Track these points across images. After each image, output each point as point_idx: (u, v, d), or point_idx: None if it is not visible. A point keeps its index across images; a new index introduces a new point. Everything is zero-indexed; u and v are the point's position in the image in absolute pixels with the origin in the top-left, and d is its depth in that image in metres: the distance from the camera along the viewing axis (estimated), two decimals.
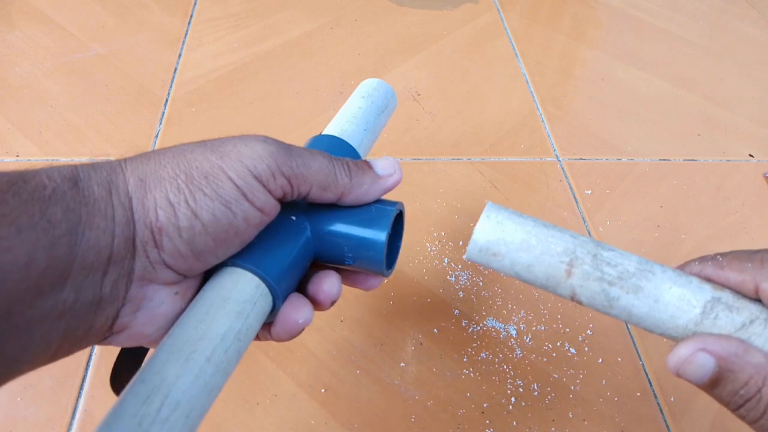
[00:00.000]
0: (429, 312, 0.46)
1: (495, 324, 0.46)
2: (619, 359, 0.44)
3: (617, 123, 0.66)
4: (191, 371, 0.19)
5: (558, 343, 0.45)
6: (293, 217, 0.25)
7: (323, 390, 0.41)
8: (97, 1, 0.77)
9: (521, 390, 0.42)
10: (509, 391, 0.42)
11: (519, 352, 0.44)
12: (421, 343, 0.44)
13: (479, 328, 0.45)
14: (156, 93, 0.65)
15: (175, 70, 0.68)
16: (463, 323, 0.46)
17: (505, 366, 0.43)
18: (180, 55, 0.70)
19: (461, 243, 0.51)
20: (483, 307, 0.47)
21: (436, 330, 0.45)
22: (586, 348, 0.45)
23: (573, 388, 0.42)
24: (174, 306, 0.22)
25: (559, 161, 0.60)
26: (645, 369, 0.44)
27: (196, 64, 0.69)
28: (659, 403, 0.42)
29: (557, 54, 0.76)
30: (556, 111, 0.67)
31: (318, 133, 0.31)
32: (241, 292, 0.22)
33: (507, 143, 0.62)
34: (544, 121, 0.65)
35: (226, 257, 0.22)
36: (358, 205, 0.25)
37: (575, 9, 0.85)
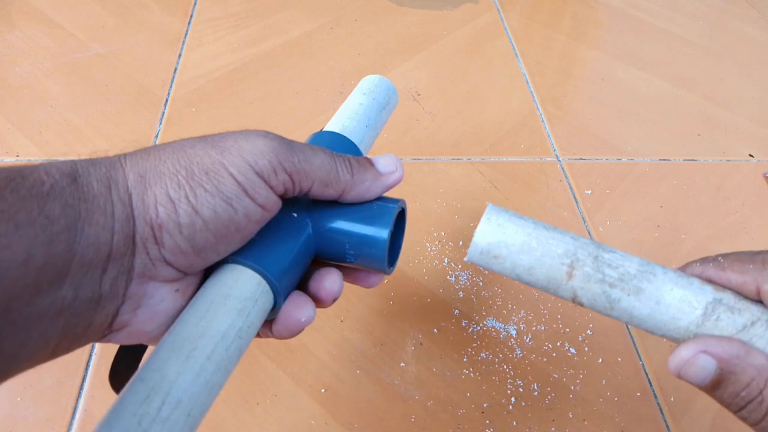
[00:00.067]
0: (429, 312, 0.46)
1: (495, 324, 0.46)
2: (619, 359, 0.44)
3: (617, 123, 0.66)
4: (192, 369, 0.19)
5: (558, 343, 0.45)
6: (294, 214, 0.25)
7: (323, 390, 0.41)
8: (97, 1, 0.77)
9: (521, 390, 0.42)
10: (509, 391, 0.42)
11: (519, 352, 0.44)
12: (421, 343, 0.44)
13: (479, 328, 0.45)
14: (156, 93, 0.65)
15: (175, 70, 0.68)
16: (463, 323, 0.46)
17: (505, 366, 0.43)
18: (180, 55, 0.70)
19: (461, 243, 0.51)
20: (483, 307, 0.47)
21: (436, 330, 0.45)
22: (586, 348, 0.45)
23: (573, 388, 0.42)
24: (174, 303, 0.22)
25: (559, 161, 0.60)
26: (645, 369, 0.44)
27: (196, 64, 0.69)
28: (659, 403, 0.42)
29: (557, 54, 0.76)
30: (556, 111, 0.67)
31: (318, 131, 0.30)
32: (242, 289, 0.21)
33: (507, 143, 0.62)
34: (544, 121, 0.65)
35: (227, 254, 0.22)
36: (359, 203, 0.25)
37: (575, 9, 0.85)
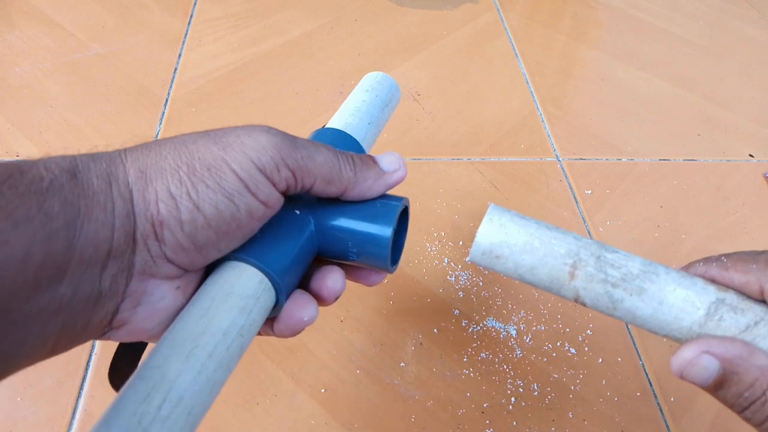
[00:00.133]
0: (429, 312, 0.46)
1: (495, 324, 0.46)
2: (619, 359, 0.44)
3: (617, 123, 0.66)
4: (193, 367, 0.19)
5: (558, 343, 0.45)
6: (297, 211, 0.25)
7: (323, 390, 0.41)
8: (97, 1, 0.77)
9: (521, 390, 0.42)
10: (509, 391, 0.42)
11: (519, 352, 0.44)
12: (421, 343, 0.44)
13: (479, 328, 0.45)
14: (156, 93, 0.65)
15: (175, 70, 0.68)
16: (463, 323, 0.46)
17: (505, 366, 0.43)
18: (180, 55, 0.70)
19: (461, 243, 0.51)
20: (483, 307, 0.47)
21: (436, 330, 0.45)
22: (586, 348, 0.45)
23: (573, 388, 0.42)
24: (175, 301, 0.22)
25: (559, 161, 0.60)
26: (645, 369, 0.44)
27: (196, 64, 0.69)
28: (659, 403, 0.42)
29: (557, 54, 0.76)
30: (556, 111, 0.67)
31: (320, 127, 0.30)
32: (244, 286, 0.21)
33: (507, 143, 0.62)
34: (544, 121, 0.65)
35: (228, 251, 0.22)
36: (362, 201, 0.25)
37: (575, 9, 0.85)
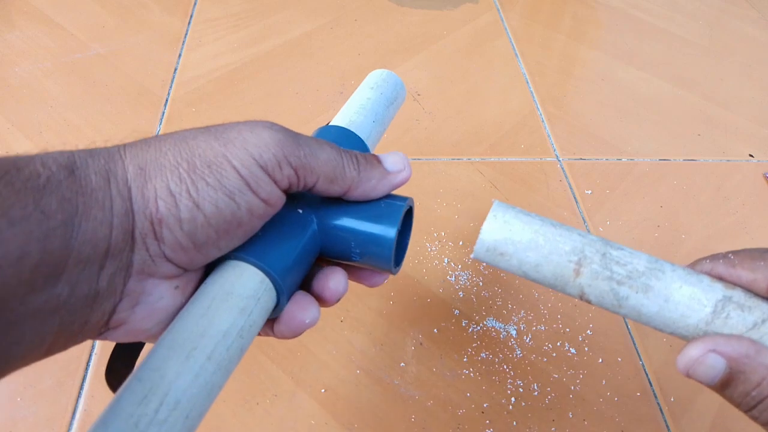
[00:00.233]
0: (429, 312, 0.46)
1: (495, 324, 0.46)
2: (619, 359, 0.44)
3: (617, 123, 0.66)
4: (191, 369, 0.18)
5: (558, 343, 0.45)
6: (300, 210, 0.24)
7: (323, 390, 0.41)
8: (97, 1, 0.77)
9: (521, 390, 0.42)
10: (509, 391, 0.42)
11: (519, 352, 0.44)
12: (421, 343, 0.44)
13: (479, 328, 0.45)
14: (156, 93, 0.65)
15: (175, 70, 0.68)
16: (463, 323, 0.46)
17: (505, 366, 0.43)
18: (180, 55, 0.70)
19: (461, 243, 0.51)
20: (483, 307, 0.47)
21: (436, 330, 0.45)
22: (586, 348, 0.45)
23: (573, 388, 0.42)
24: (174, 300, 0.21)
25: (559, 161, 0.60)
26: (645, 369, 0.44)
27: (196, 64, 0.69)
28: (659, 403, 0.42)
29: (557, 54, 0.76)
30: (556, 111, 0.67)
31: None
32: (245, 287, 0.21)
33: (507, 143, 0.62)
34: (544, 121, 0.65)
35: (228, 250, 0.21)
36: (365, 201, 0.25)
37: (575, 9, 0.85)
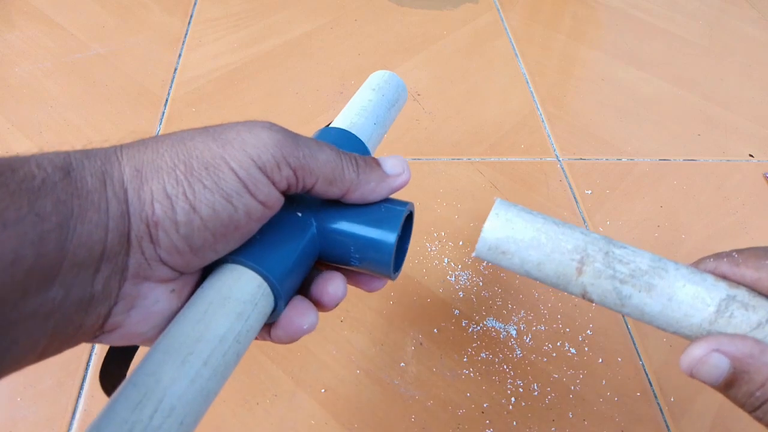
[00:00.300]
0: (429, 312, 0.46)
1: (495, 324, 0.46)
2: (619, 359, 0.44)
3: (617, 123, 0.66)
4: (187, 375, 0.18)
5: (558, 343, 0.45)
6: (299, 213, 0.24)
7: (323, 390, 0.41)
8: (97, 1, 0.77)
9: (521, 390, 0.42)
10: (509, 391, 0.42)
11: (519, 352, 0.44)
12: (421, 343, 0.44)
13: (479, 328, 0.45)
14: (156, 93, 0.65)
15: (175, 70, 0.68)
16: (463, 323, 0.46)
17: (505, 366, 0.43)
18: (180, 55, 0.70)
19: (461, 243, 0.51)
20: (483, 307, 0.47)
21: (436, 330, 0.45)
22: (586, 348, 0.45)
23: (573, 388, 0.42)
24: (170, 304, 0.21)
25: (559, 161, 0.60)
26: (645, 369, 0.44)
27: (196, 64, 0.69)
28: (659, 403, 0.42)
29: (557, 54, 0.76)
30: (556, 111, 0.67)
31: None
32: (242, 291, 0.21)
33: (507, 143, 0.62)
34: (544, 121, 0.65)
35: (225, 253, 0.21)
36: (364, 204, 0.24)
37: (575, 9, 0.85)
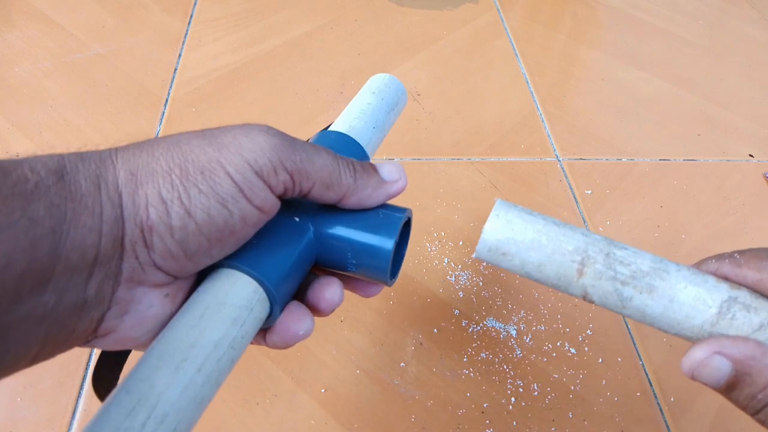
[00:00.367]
0: (429, 312, 0.46)
1: (495, 324, 0.46)
2: (619, 359, 0.44)
3: (617, 123, 0.66)
4: (181, 381, 0.18)
5: (558, 343, 0.45)
6: (296, 218, 0.24)
7: (323, 390, 0.41)
8: (97, 1, 0.77)
9: (521, 390, 0.42)
10: (509, 391, 0.42)
11: (519, 352, 0.44)
12: (421, 343, 0.44)
13: (479, 328, 0.45)
14: (156, 93, 0.65)
15: (175, 70, 0.68)
16: (463, 323, 0.46)
17: (505, 366, 0.43)
18: (180, 55, 0.70)
19: (461, 243, 0.51)
20: (483, 307, 0.47)
21: (436, 330, 0.45)
22: (586, 348, 0.45)
23: (573, 388, 0.42)
24: (164, 309, 0.21)
25: (559, 161, 0.60)
26: (645, 369, 0.44)
27: (196, 64, 0.69)
28: (659, 403, 0.42)
29: (557, 54, 0.76)
30: (556, 111, 0.67)
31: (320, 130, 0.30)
32: (238, 296, 0.20)
33: (507, 143, 0.62)
34: (544, 121, 0.65)
35: (221, 257, 0.21)
36: (361, 209, 0.24)
37: (575, 9, 0.85)
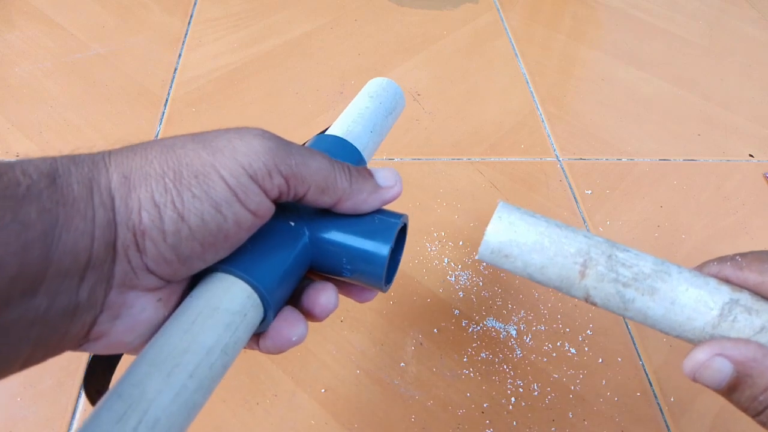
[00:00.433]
0: (429, 312, 0.46)
1: (495, 324, 0.46)
2: (619, 359, 0.44)
3: (617, 123, 0.66)
4: (173, 387, 0.18)
5: (558, 343, 0.45)
6: (291, 223, 0.24)
7: (323, 390, 0.41)
8: (97, 1, 0.77)
9: (521, 390, 0.42)
10: (509, 391, 0.42)
11: (519, 352, 0.44)
12: (421, 343, 0.44)
13: (479, 328, 0.45)
14: (156, 93, 0.65)
15: (175, 70, 0.68)
16: (463, 323, 0.46)
17: (505, 366, 0.43)
18: (180, 55, 0.70)
19: (461, 243, 0.51)
20: (483, 307, 0.47)
21: (436, 330, 0.45)
22: (586, 348, 0.45)
23: (573, 388, 0.42)
24: (156, 313, 0.21)
25: (559, 161, 0.60)
26: (645, 369, 0.44)
27: (196, 64, 0.69)
28: (659, 403, 0.42)
29: (557, 54, 0.76)
30: (556, 111, 0.67)
31: (319, 132, 0.30)
32: (231, 301, 0.20)
33: (507, 143, 0.62)
34: (544, 121, 0.65)
35: (214, 262, 0.21)
36: (356, 214, 0.24)
37: (575, 9, 0.85)
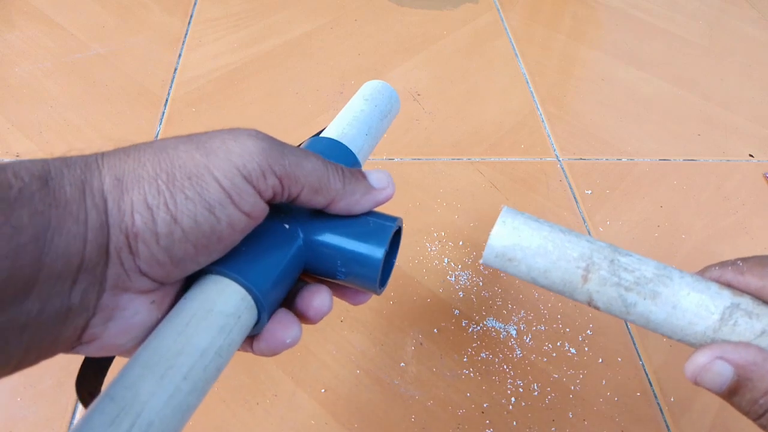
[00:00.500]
0: (429, 312, 0.46)
1: (495, 324, 0.46)
2: (619, 359, 0.44)
3: (617, 123, 0.66)
4: (166, 389, 0.18)
5: (558, 343, 0.45)
6: (286, 225, 0.24)
7: (323, 390, 0.41)
8: (97, 1, 0.77)
9: (521, 390, 0.42)
10: (509, 391, 0.42)
11: (519, 352, 0.44)
12: (421, 343, 0.44)
13: (479, 328, 0.45)
14: (156, 93, 0.65)
15: (175, 70, 0.68)
16: (463, 323, 0.46)
17: (505, 366, 0.43)
18: (180, 55, 0.70)
19: (461, 243, 0.51)
20: (483, 307, 0.47)
21: (436, 330, 0.45)
22: (586, 348, 0.45)
23: (573, 388, 0.42)
24: (150, 315, 0.21)
25: (559, 161, 0.60)
26: (645, 369, 0.44)
27: (196, 64, 0.69)
28: (659, 403, 0.42)
29: (557, 54, 0.76)
30: (556, 111, 0.67)
31: (314, 134, 0.30)
32: (225, 304, 0.20)
33: (507, 143, 0.62)
34: (544, 121, 0.65)
35: (207, 263, 0.21)
36: (350, 217, 0.24)
37: (575, 9, 0.85)
